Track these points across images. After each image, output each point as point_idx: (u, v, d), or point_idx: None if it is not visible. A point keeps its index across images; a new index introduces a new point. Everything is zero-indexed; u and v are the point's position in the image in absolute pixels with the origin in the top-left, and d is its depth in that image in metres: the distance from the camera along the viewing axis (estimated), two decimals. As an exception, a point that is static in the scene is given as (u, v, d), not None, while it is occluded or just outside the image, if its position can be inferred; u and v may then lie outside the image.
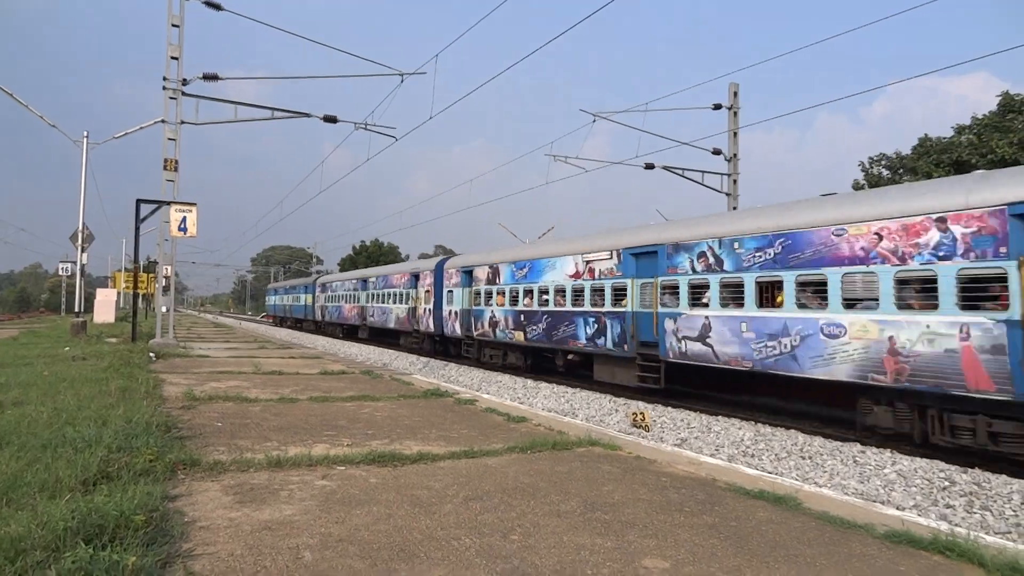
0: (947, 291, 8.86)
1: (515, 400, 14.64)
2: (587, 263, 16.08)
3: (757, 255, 11.69)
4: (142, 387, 9.77)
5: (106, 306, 39.88)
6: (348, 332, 39.10)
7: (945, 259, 8.97)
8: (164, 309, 21.71)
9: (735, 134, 23.52)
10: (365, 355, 26.76)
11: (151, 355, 16.24)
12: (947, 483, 8.03)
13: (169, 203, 19.07)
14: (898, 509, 6.46)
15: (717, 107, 23.37)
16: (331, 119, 21.52)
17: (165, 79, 18.97)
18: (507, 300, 19.60)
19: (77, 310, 27.16)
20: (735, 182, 23.49)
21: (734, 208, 23.08)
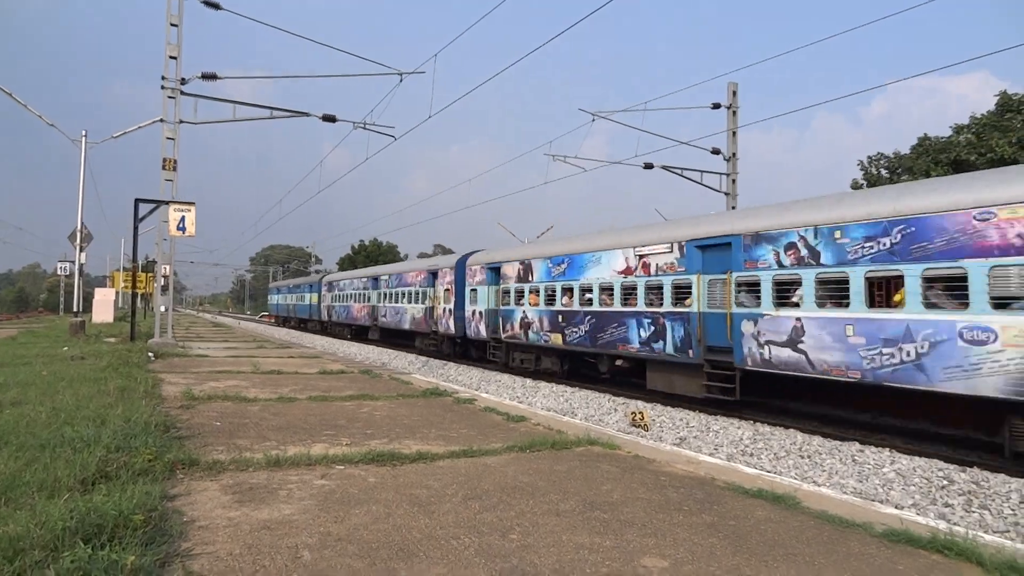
0: None
1: (514, 399, 14.64)
2: (640, 257, 14.35)
3: (867, 246, 10.01)
4: (141, 387, 9.77)
5: (104, 306, 39.85)
6: (357, 333, 37.19)
7: None
8: (163, 309, 21.69)
9: (734, 133, 23.53)
10: (364, 354, 26.75)
11: (150, 355, 16.22)
12: (946, 482, 8.05)
13: (168, 203, 19.06)
14: (897, 508, 6.47)
15: (716, 106, 23.38)
16: (330, 118, 21.52)
17: (164, 78, 18.95)
18: (542, 299, 17.91)
19: (76, 310, 27.11)
20: (734, 181, 23.51)
21: (733, 207, 23.07)
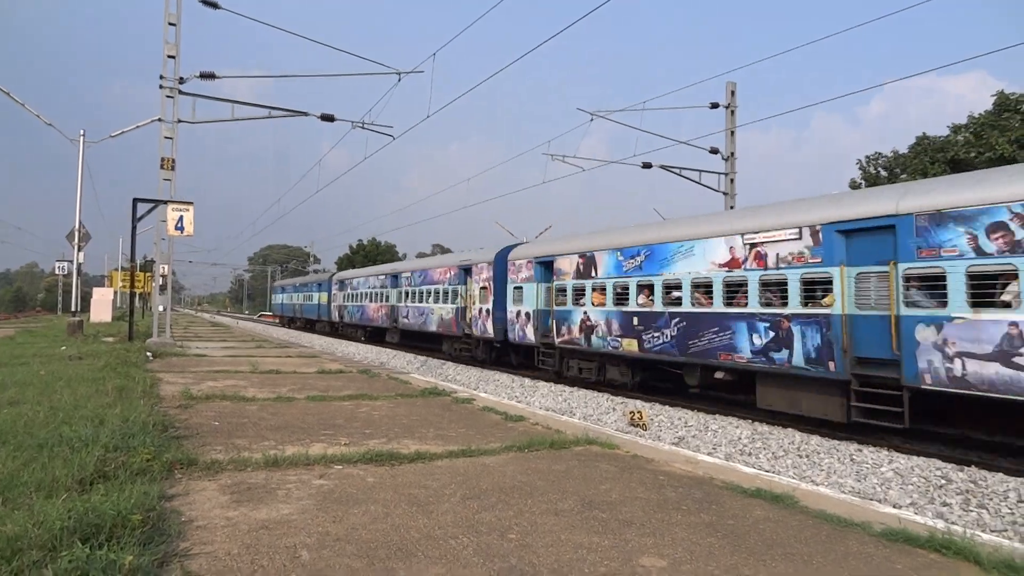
0: None
1: (512, 399, 14.65)
2: (752, 246, 11.95)
3: None
4: (139, 386, 9.75)
5: (103, 305, 39.82)
6: (372, 336, 34.00)
7: None
8: (161, 308, 21.67)
9: (732, 133, 23.53)
10: (363, 354, 26.75)
11: (148, 354, 16.21)
12: (944, 481, 8.06)
13: (166, 202, 19.04)
14: (895, 507, 6.48)
15: (714, 106, 23.38)
16: (328, 118, 21.51)
17: (162, 77, 18.92)
18: (609, 298, 15.49)
19: (74, 309, 27.06)
20: (732, 181, 23.51)
21: (731, 207, 23.08)
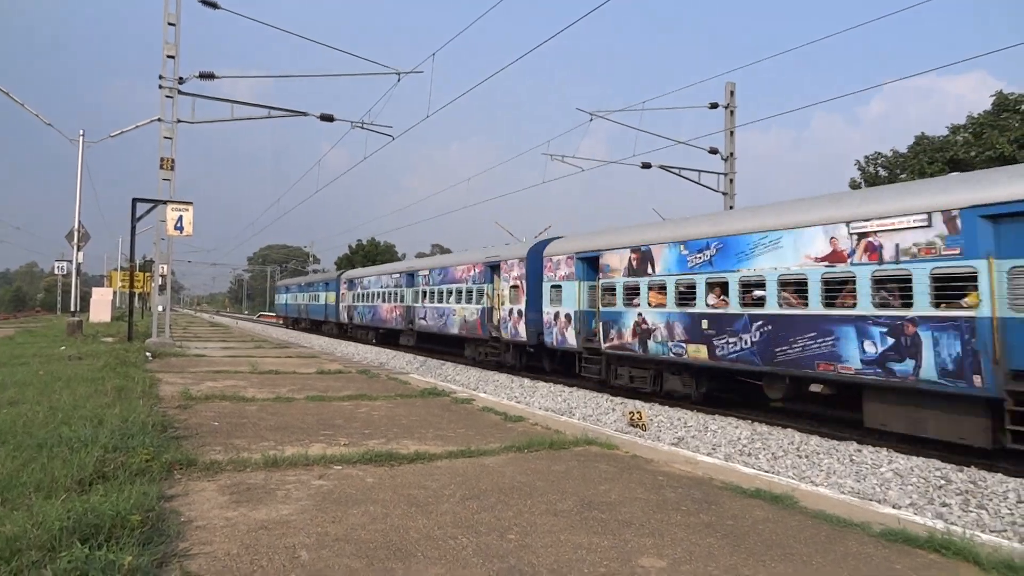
0: None
1: (512, 399, 14.64)
2: (861, 237, 10.18)
3: None
4: (138, 386, 9.75)
5: (102, 305, 39.77)
6: (385, 338, 32.12)
7: None
8: (160, 308, 21.66)
9: (732, 133, 23.54)
10: (362, 355, 26.74)
11: (147, 354, 16.20)
12: (943, 482, 8.06)
13: (165, 202, 19.03)
14: (894, 508, 6.48)
15: (714, 106, 23.39)
16: (328, 118, 21.50)
17: (161, 77, 18.92)
18: (671, 298, 13.58)
19: (73, 309, 27.04)
20: (732, 181, 23.51)
21: (731, 208, 23.08)
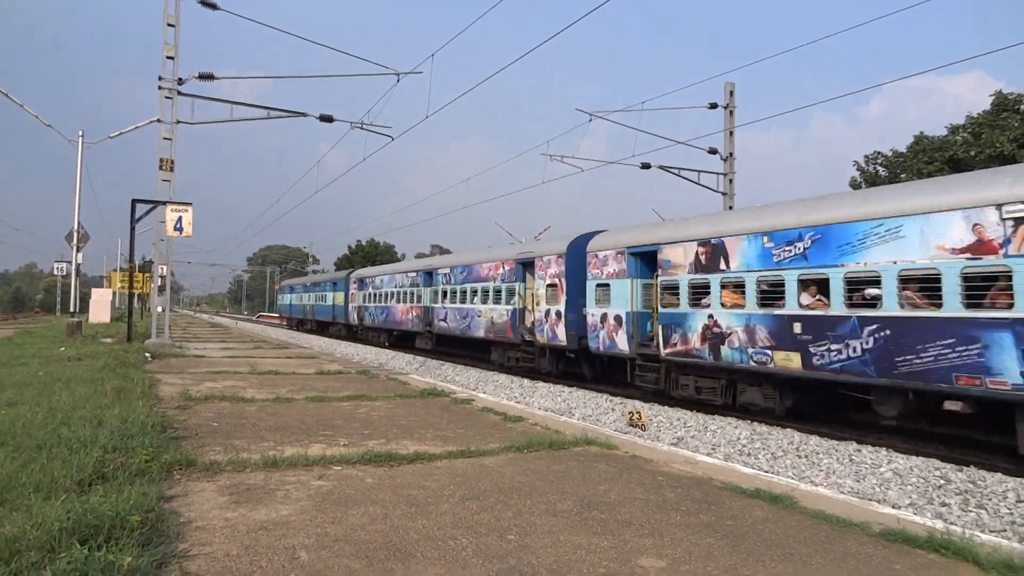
0: None
1: (511, 400, 14.64)
2: (1017, 223, 8.20)
3: None
4: (138, 387, 9.75)
5: (101, 306, 39.77)
6: (399, 340, 30.23)
7: None
8: (160, 309, 21.65)
9: (731, 133, 23.55)
10: (362, 355, 26.73)
11: (147, 355, 16.20)
12: (943, 481, 8.06)
13: (165, 203, 19.02)
14: (894, 507, 6.48)
15: (713, 106, 23.40)
16: (327, 119, 21.50)
17: (161, 78, 18.92)
18: (751, 297, 11.75)
19: (72, 310, 27.03)
20: (731, 181, 23.52)
21: (730, 208, 23.09)
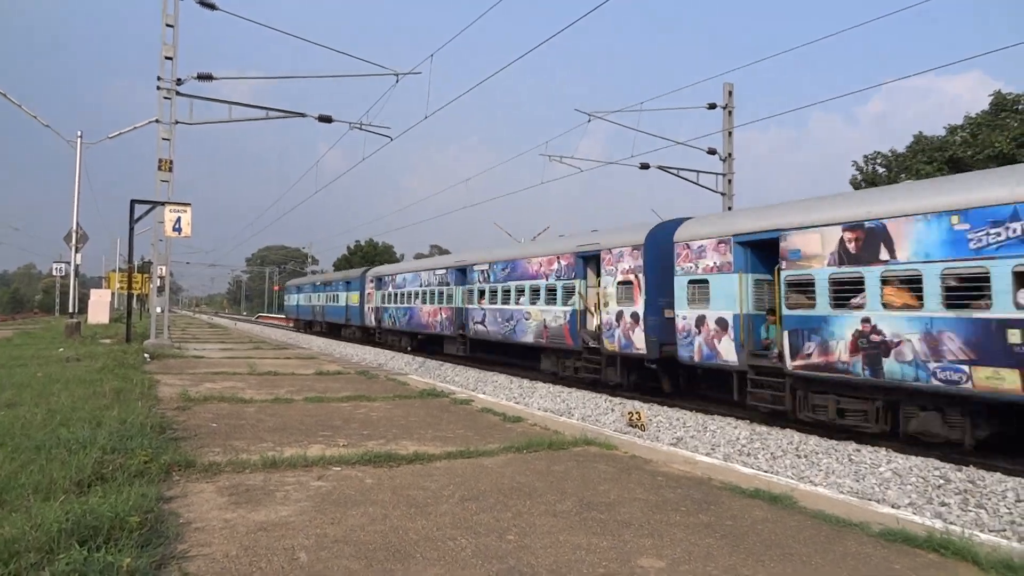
0: None
1: (511, 400, 14.63)
2: None
3: None
4: (137, 388, 9.75)
5: (100, 307, 39.75)
6: (422, 345, 27.76)
7: None
8: (159, 310, 21.63)
9: (730, 134, 23.57)
10: (360, 355, 26.72)
11: (146, 356, 16.19)
12: (942, 481, 8.06)
13: (164, 203, 19.01)
14: (893, 507, 6.48)
15: (712, 107, 23.42)
16: (326, 119, 21.49)
17: (159, 79, 18.91)
18: (933, 296, 8.94)
19: (71, 311, 27.01)
20: (730, 182, 23.54)
21: (729, 208, 23.10)
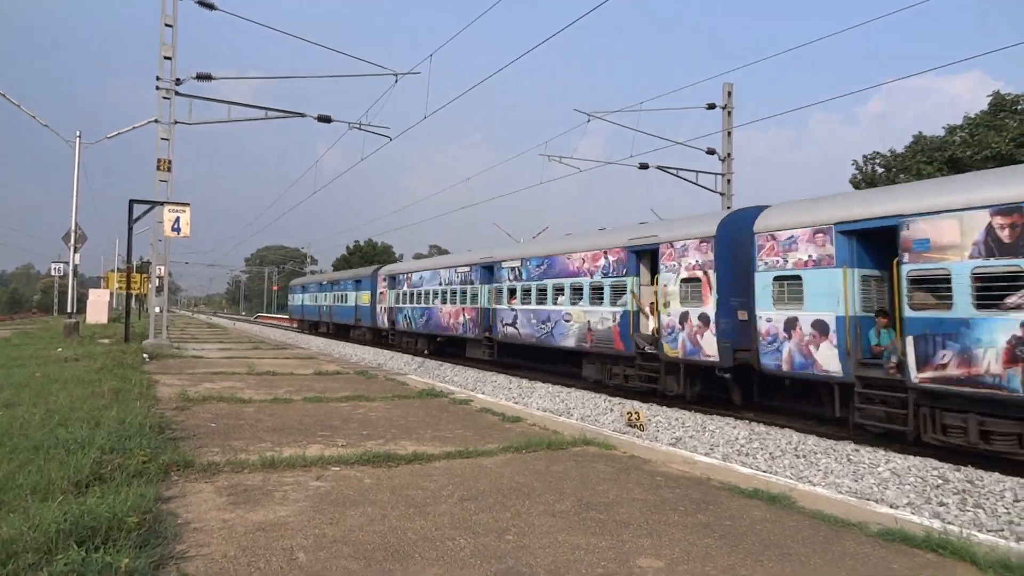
0: None
1: (510, 400, 14.63)
2: None
3: None
4: (135, 388, 9.74)
5: (99, 307, 39.71)
6: (441, 348, 25.87)
7: None
8: (157, 310, 21.62)
9: (729, 134, 23.58)
10: (359, 355, 26.71)
11: (144, 356, 16.17)
12: (940, 481, 8.07)
13: (162, 203, 19.00)
14: (892, 507, 6.49)
15: (711, 107, 23.43)
16: (325, 119, 21.49)
17: (158, 79, 18.90)
18: None
19: (70, 311, 27.01)
20: (729, 182, 23.55)
21: (728, 208, 23.11)
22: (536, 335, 18.34)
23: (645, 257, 14.93)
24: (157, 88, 18.96)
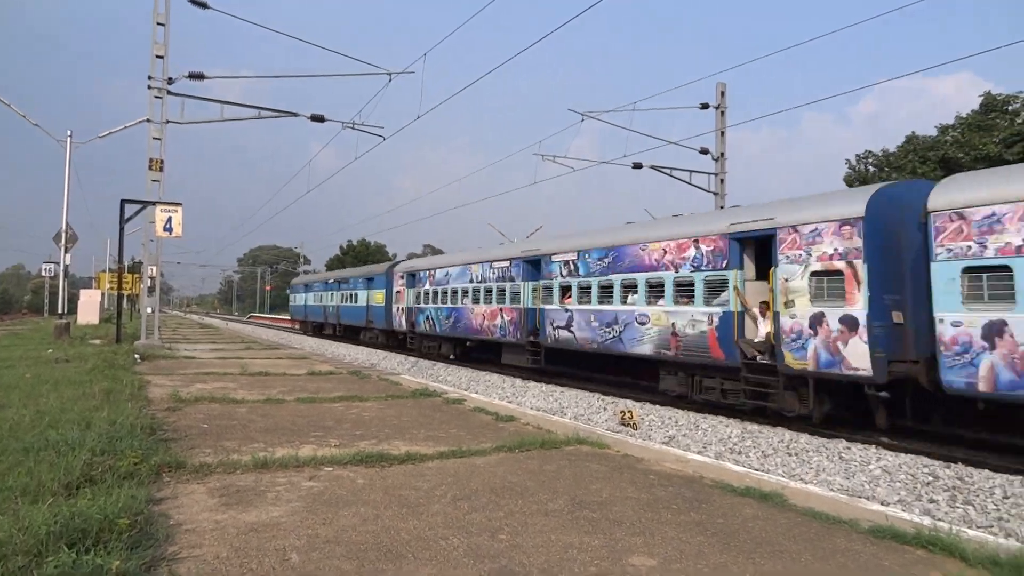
0: None
1: (503, 399, 14.63)
2: None
3: None
4: (127, 389, 9.69)
5: (90, 307, 39.48)
6: (469, 353, 23.22)
7: None
8: (149, 310, 21.51)
9: (722, 133, 23.66)
10: (353, 355, 26.66)
11: (136, 357, 16.08)
12: (931, 478, 8.13)
13: (154, 203, 18.91)
14: (883, 504, 6.53)
15: (704, 107, 23.51)
16: (318, 118, 21.44)
17: (150, 78, 18.81)
18: None
19: (60, 311, 26.83)
20: (722, 181, 23.64)
21: (721, 207, 23.19)
22: (598, 340, 15.58)
23: (749, 246, 12.43)
24: (149, 87, 18.87)
